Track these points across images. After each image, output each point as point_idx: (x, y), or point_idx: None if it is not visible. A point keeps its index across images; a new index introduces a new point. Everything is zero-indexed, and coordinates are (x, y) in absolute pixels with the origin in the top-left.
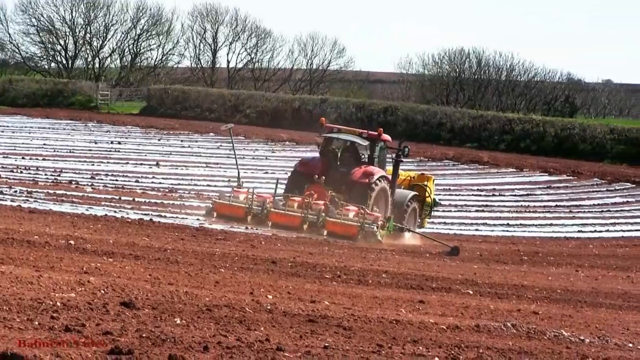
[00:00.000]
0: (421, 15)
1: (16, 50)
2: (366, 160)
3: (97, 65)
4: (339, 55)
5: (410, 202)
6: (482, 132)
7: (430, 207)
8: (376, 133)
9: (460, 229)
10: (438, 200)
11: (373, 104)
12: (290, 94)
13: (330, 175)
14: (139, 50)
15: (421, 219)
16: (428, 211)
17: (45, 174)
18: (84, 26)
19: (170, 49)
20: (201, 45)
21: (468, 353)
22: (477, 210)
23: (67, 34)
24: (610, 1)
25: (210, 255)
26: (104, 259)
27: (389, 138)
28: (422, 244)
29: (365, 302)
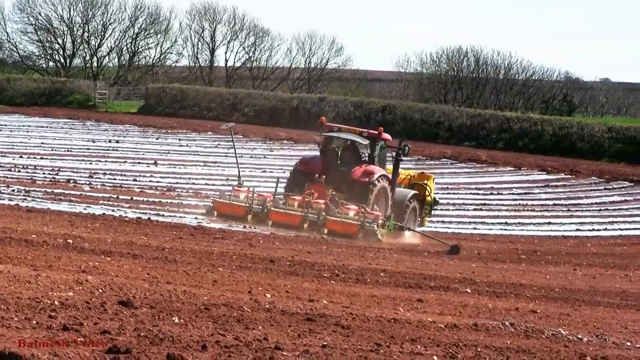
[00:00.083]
0: (419, 13)
1: (14, 49)
2: (366, 159)
3: (95, 64)
4: (337, 53)
5: (411, 201)
6: (480, 131)
7: (431, 206)
8: (376, 132)
9: (459, 228)
10: (438, 199)
11: (371, 103)
12: (289, 92)
13: (330, 174)
14: (137, 49)
15: (421, 218)
16: (428, 210)
17: (43, 173)
18: (81, 25)
19: (168, 48)
20: (199, 44)
21: (466, 352)
22: (475, 209)
23: (65, 32)
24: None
25: (209, 254)
26: (101, 258)
27: (389, 137)
28: (422, 243)
29: (364, 301)
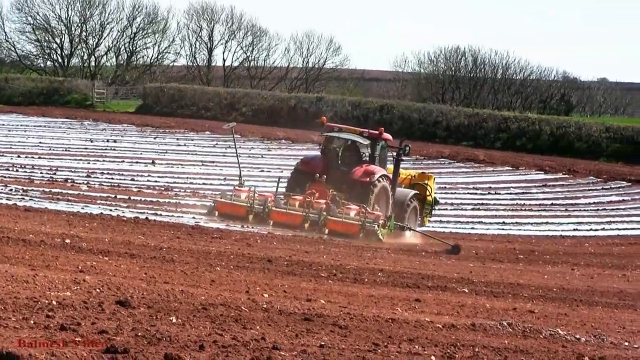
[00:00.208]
0: (417, 13)
1: (12, 48)
2: (367, 159)
3: (93, 63)
4: (334, 53)
5: (411, 201)
6: (478, 131)
7: (431, 206)
8: (377, 132)
9: (456, 228)
10: (438, 198)
11: (369, 102)
12: (286, 92)
13: (331, 174)
14: (134, 48)
15: (422, 218)
16: (429, 210)
17: (41, 172)
18: (79, 24)
19: (166, 48)
20: (197, 43)
21: (464, 352)
22: (473, 209)
23: (63, 32)
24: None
25: (206, 254)
26: (99, 258)
27: (389, 137)
28: (423, 243)
29: (361, 301)
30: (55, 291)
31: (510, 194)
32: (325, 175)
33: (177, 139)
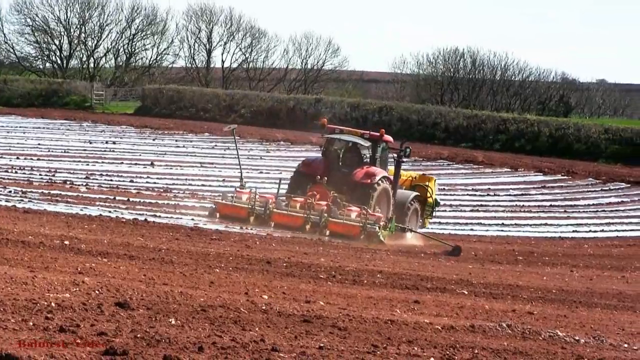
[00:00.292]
0: (416, 15)
1: (11, 50)
2: (368, 161)
3: (92, 65)
4: (333, 55)
5: (412, 203)
6: (477, 132)
7: (432, 208)
8: (378, 134)
9: (455, 229)
10: (439, 200)
11: (368, 104)
12: (285, 93)
13: (332, 176)
14: (133, 50)
15: (423, 219)
16: (429, 211)
17: (40, 174)
18: (78, 26)
19: (164, 49)
20: (196, 45)
21: (463, 353)
22: (472, 210)
23: (62, 33)
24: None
25: (205, 256)
26: (98, 259)
27: (390, 139)
28: (424, 244)
29: (360, 303)
30: (55, 293)
31: (509, 195)
32: (326, 177)
33: (176, 141)
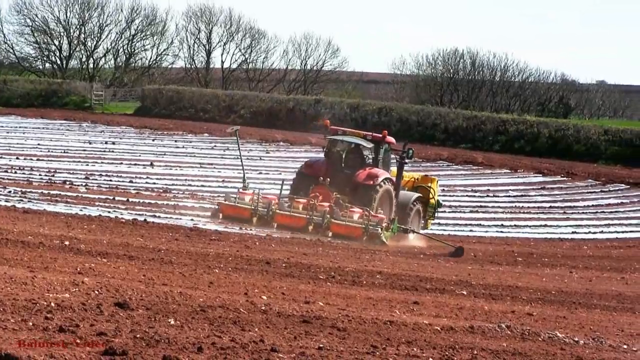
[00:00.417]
0: (415, 15)
1: (10, 50)
2: (371, 162)
3: (92, 65)
4: (333, 55)
5: (414, 204)
6: (476, 133)
7: (434, 209)
8: (380, 135)
9: (455, 230)
10: (442, 201)
11: (367, 105)
12: (285, 94)
13: (335, 177)
14: (133, 50)
15: (425, 221)
16: (432, 212)
17: (40, 174)
18: (78, 26)
19: (164, 50)
20: (195, 45)
21: (462, 354)
22: (472, 211)
23: (62, 34)
24: (604, 2)
25: (204, 256)
26: (98, 260)
27: (393, 140)
28: (426, 245)
29: (360, 303)
30: (54, 293)
31: (509, 196)
32: (328, 178)
33: (176, 141)
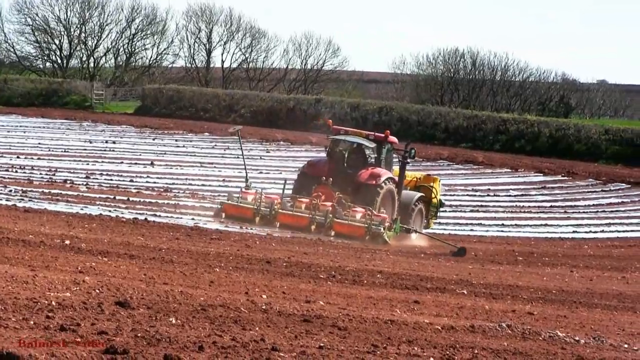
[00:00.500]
0: (416, 15)
1: (11, 49)
2: (373, 162)
3: (92, 64)
4: (333, 55)
5: (417, 204)
6: (477, 132)
7: (437, 208)
8: (383, 135)
9: (455, 229)
10: (444, 201)
11: (368, 104)
12: (285, 93)
13: (337, 177)
14: (133, 49)
15: (427, 220)
16: (434, 212)
17: (40, 173)
18: (78, 26)
19: (164, 49)
20: (195, 44)
21: (463, 353)
22: (472, 211)
23: (62, 33)
24: (605, 1)
25: (205, 255)
26: (98, 259)
27: (395, 140)
28: (429, 245)
29: (360, 302)
30: (55, 292)
31: (509, 196)
32: (331, 178)
33: (176, 140)
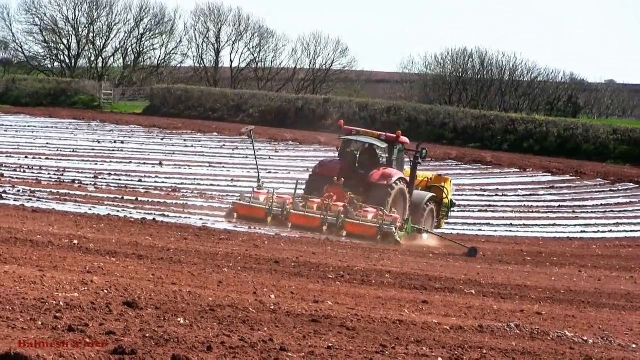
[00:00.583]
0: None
1: (19, 49)
2: (385, 162)
3: (100, 64)
4: (341, 54)
5: (428, 204)
6: (485, 132)
7: (448, 208)
8: (394, 135)
9: (464, 229)
10: (455, 201)
11: (376, 104)
12: (294, 93)
13: (349, 177)
14: (142, 49)
15: (438, 220)
16: (445, 212)
17: (49, 174)
18: (87, 25)
19: (173, 49)
20: (204, 44)
21: (471, 353)
22: (481, 210)
23: (70, 33)
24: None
25: (214, 255)
26: (107, 259)
27: (407, 140)
28: (440, 245)
29: (369, 303)
30: (63, 292)
31: (518, 195)
32: (343, 178)
33: (185, 140)
